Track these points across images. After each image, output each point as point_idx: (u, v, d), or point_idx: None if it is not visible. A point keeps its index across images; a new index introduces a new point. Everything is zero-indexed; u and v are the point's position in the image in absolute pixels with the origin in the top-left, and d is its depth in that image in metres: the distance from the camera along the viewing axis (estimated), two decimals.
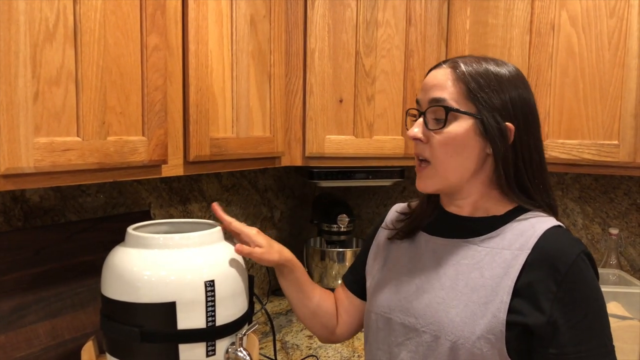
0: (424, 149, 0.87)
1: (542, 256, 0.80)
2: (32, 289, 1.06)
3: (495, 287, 0.81)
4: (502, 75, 0.86)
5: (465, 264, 0.86)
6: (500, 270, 0.82)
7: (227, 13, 1.19)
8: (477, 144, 0.85)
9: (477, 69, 0.85)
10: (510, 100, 0.85)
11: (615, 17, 1.38)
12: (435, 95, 0.85)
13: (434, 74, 0.88)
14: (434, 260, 0.90)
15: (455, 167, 0.86)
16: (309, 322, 1.05)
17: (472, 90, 0.84)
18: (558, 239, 0.82)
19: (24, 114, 0.77)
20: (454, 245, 0.89)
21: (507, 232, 0.85)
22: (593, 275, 0.82)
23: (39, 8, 0.79)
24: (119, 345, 0.86)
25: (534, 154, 0.87)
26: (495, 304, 0.80)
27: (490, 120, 0.84)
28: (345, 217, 1.81)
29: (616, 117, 1.39)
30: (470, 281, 0.84)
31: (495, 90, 0.85)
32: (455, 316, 0.82)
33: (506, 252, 0.83)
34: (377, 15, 1.50)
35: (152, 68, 0.98)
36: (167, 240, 0.87)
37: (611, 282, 1.54)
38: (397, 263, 0.96)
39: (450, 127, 0.84)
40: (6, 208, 1.09)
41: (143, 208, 1.40)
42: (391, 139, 1.54)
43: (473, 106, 0.84)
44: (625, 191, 1.69)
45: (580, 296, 0.79)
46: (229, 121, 1.22)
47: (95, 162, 0.88)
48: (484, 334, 0.79)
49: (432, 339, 0.84)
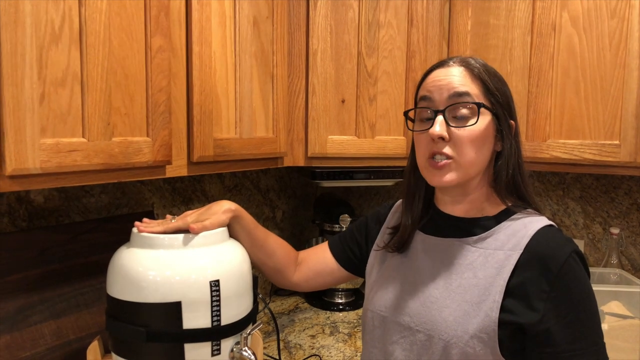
0: (447, 147, 0.86)
1: (534, 256, 0.81)
2: (37, 289, 1.07)
3: (488, 286, 0.82)
4: (497, 73, 0.90)
5: (458, 264, 0.87)
6: (493, 271, 0.83)
7: (230, 14, 1.20)
8: (493, 140, 0.88)
9: (485, 67, 0.88)
10: (511, 99, 0.90)
11: (616, 17, 1.38)
12: (459, 90, 0.86)
13: (447, 72, 0.88)
14: (428, 260, 0.91)
15: (476, 162, 0.87)
16: (262, 267, 1.06)
17: (489, 88, 0.86)
18: (550, 238, 0.83)
19: (30, 116, 0.78)
20: (447, 245, 0.90)
21: (499, 232, 0.87)
22: (584, 274, 0.82)
23: (45, 10, 0.79)
24: (125, 345, 0.86)
25: (521, 152, 0.91)
26: (488, 304, 0.81)
27: (503, 117, 0.87)
28: (347, 217, 1.82)
29: (617, 117, 1.39)
30: (464, 281, 0.85)
31: (501, 89, 0.88)
32: (448, 315, 0.84)
33: (499, 253, 0.84)
34: (379, 16, 1.51)
35: (157, 69, 0.99)
36: (172, 240, 0.88)
37: (612, 282, 1.54)
38: (393, 263, 0.98)
39: (479, 123, 0.85)
40: (11, 209, 1.10)
41: (146, 208, 1.41)
42: (393, 139, 1.55)
43: (489, 102, 0.87)
44: (626, 191, 1.70)
45: (572, 295, 0.80)
46: (232, 122, 1.23)
47: (100, 163, 0.88)
48: (477, 333, 0.80)
49: (425, 337, 0.86)
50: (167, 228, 0.91)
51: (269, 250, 1.04)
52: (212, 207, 0.96)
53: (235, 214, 0.97)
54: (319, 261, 1.11)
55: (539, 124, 1.47)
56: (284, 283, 1.10)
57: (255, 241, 1.02)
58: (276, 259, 1.05)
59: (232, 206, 0.97)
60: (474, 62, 0.88)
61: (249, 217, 1.01)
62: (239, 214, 0.98)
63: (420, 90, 0.92)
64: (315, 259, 1.11)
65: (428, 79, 0.90)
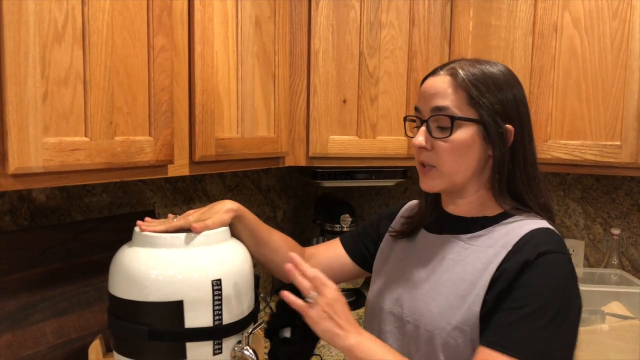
0: (429, 157, 0.89)
1: (520, 249, 0.82)
2: (38, 288, 1.07)
3: (475, 281, 0.84)
4: (498, 77, 0.88)
5: (451, 259, 0.90)
6: (481, 266, 0.85)
7: (233, 14, 1.20)
8: (480, 147, 0.88)
9: (475, 74, 0.87)
10: (507, 102, 0.88)
11: (617, 18, 1.38)
12: (437, 104, 0.87)
13: (433, 82, 0.89)
14: (425, 255, 0.95)
15: (460, 169, 0.89)
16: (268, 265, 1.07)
17: (473, 97, 0.86)
18: (541, 236, 0.84)
19: (33, 114, 0.78)
20: (443, 241, 0.94)
21: (494, 231, 0.88)
22: (560, 277, 0.79)
23: (48, 9, 0.80)
24: (127, 344, 0.86)
25: (528, 154, 0.90)
26: (472, 297, 0.83)
27: (492, 125, 0.86)
28: (348, 217, 1.82)
29: (618, 118, 1.40)
30: (453, 275, 0.88)
31: (494, 93, 0.87)
32: (435, 307, 0.87)
33: (490, 250, 0.86)
34: (380, 16, 1.51)
35: (159, 69, 0.99)
36: (174, 239, 0.88)
37: (613, 282, 1.55)
38: (396, 257, 1.02)
39: (456, 135, 0.86)
40: (13, 208, 1.10)
41: (148, 208, 1.41)
42: (394, 139, 1.55)
43: (475, 112, 0.86)
44: (627, 192, 1.70)
45: (532, 285, 0.78)
46: (234, 121, 1.23)
47: (102, 162, 0.89)
48: (459, 325, 0.83)
49: (413, 328, 0.90)
50: (169, 227, 0.91)
51: (274, 247, 1.05)
52: (214, 207, 0.97)
53: (237, 213, 0.98)
54: (330, 256, 1.12)
55: (540, 125, 1.47)
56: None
57: (260, 239, 1.03)
58: (282, 255, 1.05)
59: (234, 205, 0.98)
60: (461, 70, 0.87)
61: (251, 215, 1.02)
62: (241, 213, 0.99)
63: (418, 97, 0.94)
64: (326, 253, 1.13)
65: (421, 88, 0.92)
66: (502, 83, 0.88)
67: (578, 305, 0.81)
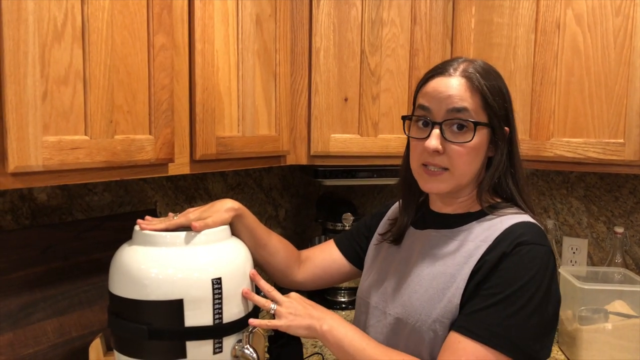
0: (441, 160, 0.88)
1: (500, 242, 0.83)
2: (39, 287, 1.07)
3: (455, 274, 0.85)
4: (499, 79, 0.91)
5: (433, 254, 0.91)
6: (462, 259, 0.86)
7: (233, 12, 1.19)
8: (486, 149, 0.90)
9: (487, 78, 0.88)
10: (507, 105, 0.90)
11: (620, 15, 1.37)
12: (457, 106, 0.86)
13: (448, 83, 0.88)
14: (409, 250, 0.97)
15: (470, 172, 0.90)
16: (265, 267, 1.07)
17: (488, 102, 0.87)
18: (521, 229, 0.84)
19: (33, 113, 0.78)
20: (426, 236, 0.95)
21: (477, 226, 0.89)
22: (536, 267, 0.80)
23: (48, 8, 0.79)
24: (127, 343, 0.86)
25: (517, 154, 0.92)
26: (452, 290, 0.84)
27: (499, 128, 0.89)
28: (349, 215, 1.82)
29: (622, 115, 1.39)
30: (434, 269, 0.89)
31: (500, 99, 0.89)
32: (416, 301, 0.88)
33: (471, 244, 0.87)
34: (382, 14, 1.50)
35: (159, 67, 0.99)
36: (175, 238, 0.88)
37: (616, 281, 1.54)
38: (384, 253, 1.04)
39: (473, 139, 0.87)
40: (14, 206, 1.10)
41: (149, 206, 1.41)
42: (396, 137, 1.54)
43: (486, 116, 0.88)
44: (631, 190, 1.69)
45: (506, 274, 0.80)
46: (235, 120, 1.23)
47: (102, 161, 0.89)
48: (439, 317, 0.84)
49: (395, 321, 0.91)
50: (169, 225, 0.91)
51: (272, 249, 1.05)
52: (215, 205, 0.96)
53: (237, 212, 0.97)
54: (326, 258, 1.13)
55: (542, 123, 1.46)
56: (289, 282, 1.11)
57: (258, 240, 1.02)
58: (280, 258, 1.06)
59: (234, 204, 0.98)
60: (474, 71, 0.88)
61: (251, 216, 1.02)
62: (242, 213, 0.99)
63: (420, 96, 0.93)
64: (321, 256, 1.13)
65: (428, 87, 0.90)
66: (502, 86, 0.91)
67: (556, 297, 0.82)
